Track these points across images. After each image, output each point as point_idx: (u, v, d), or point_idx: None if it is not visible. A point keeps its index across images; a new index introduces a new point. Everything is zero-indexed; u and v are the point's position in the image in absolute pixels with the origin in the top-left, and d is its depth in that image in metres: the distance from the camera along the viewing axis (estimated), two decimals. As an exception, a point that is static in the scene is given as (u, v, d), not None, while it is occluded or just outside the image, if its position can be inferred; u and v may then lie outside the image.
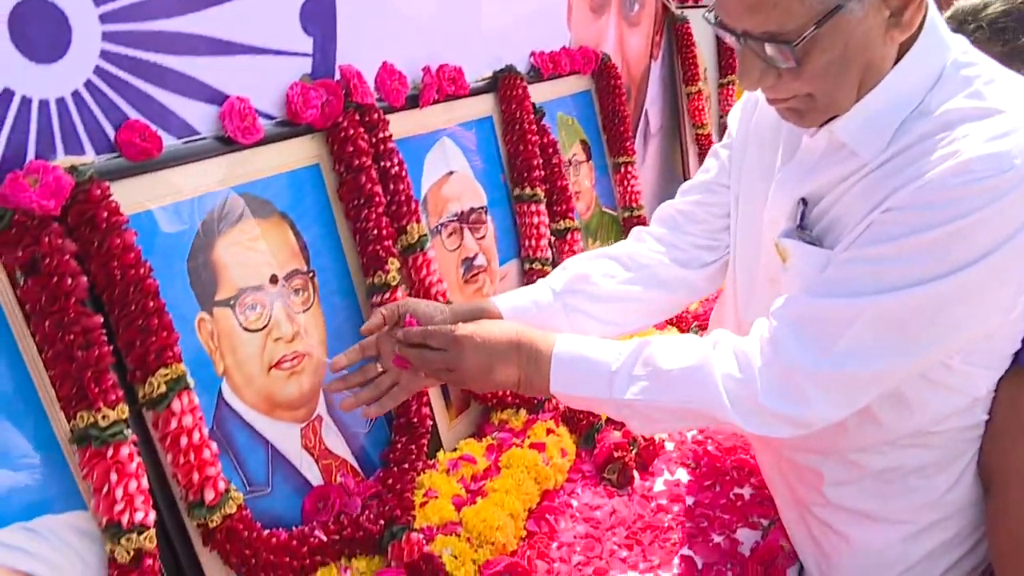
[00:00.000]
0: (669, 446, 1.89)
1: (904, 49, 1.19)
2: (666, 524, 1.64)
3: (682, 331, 2.37)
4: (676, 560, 1.53)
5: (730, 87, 3.49)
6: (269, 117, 1.52)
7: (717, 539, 1.58)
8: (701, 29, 3.18)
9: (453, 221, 1.94)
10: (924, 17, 1.17)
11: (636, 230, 1.66)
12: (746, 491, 1.71)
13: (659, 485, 1.77)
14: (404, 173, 1.69)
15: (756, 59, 1.17)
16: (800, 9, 1.09)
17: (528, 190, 2.10)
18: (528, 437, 1.79)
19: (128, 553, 1.17)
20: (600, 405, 1.34)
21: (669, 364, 1.27)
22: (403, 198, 1.68)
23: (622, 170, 2.63)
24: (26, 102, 1.17)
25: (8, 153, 1.16)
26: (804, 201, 1.32)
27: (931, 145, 1.14)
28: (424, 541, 1.47)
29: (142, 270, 1.21)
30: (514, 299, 1.52)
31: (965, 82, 1.17)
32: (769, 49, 1.14)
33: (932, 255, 1.12)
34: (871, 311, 1.16)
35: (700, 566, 1.52)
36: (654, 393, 1.27)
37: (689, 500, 1.71)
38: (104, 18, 1.24)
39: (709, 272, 1.59)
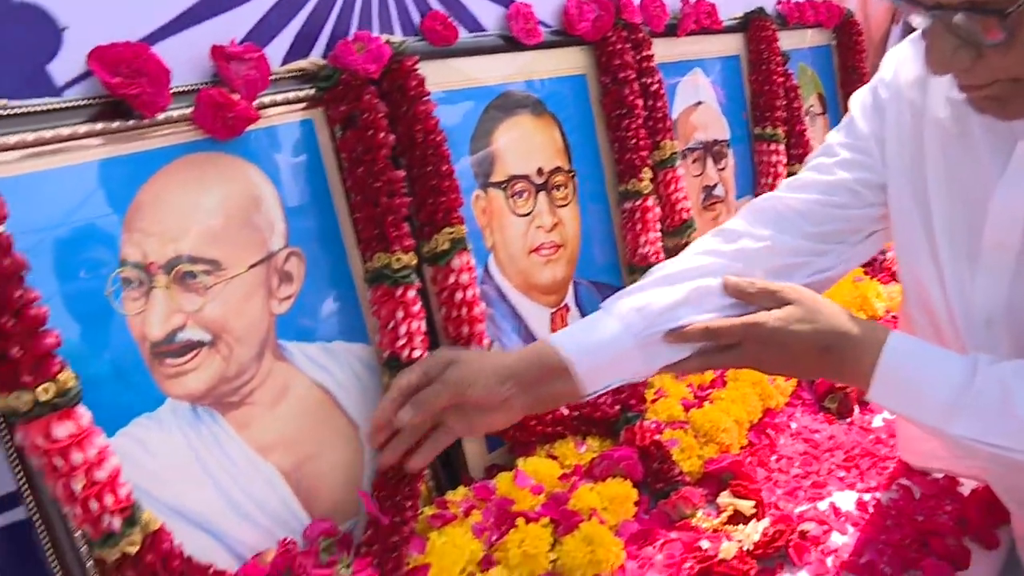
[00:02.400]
0: (891, 387, 1.91)
1: None
2: (883, 454, 1.66)
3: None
4: (894, 487, 1.56)
5: (973, 60, 3.37)
6: (545, 25, 1.65)
7: (936, 475, 1.60)
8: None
9: (698, 149, 2.03)
10: None
11: (719, 232, 1.36)
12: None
13: (878, 421, 1.79)
14: (663, 91, 1.80)
15: (949, 36, 0.94)
16: None
17: (769, 129, 2.17)
18: (754, 358, 1.85)
19: (405, 385, 1.32)
20: (920, 425, 1.12)
21: None
22: (660, 115, 1.79)
23: (857, 128, 2.63)
24: (356, -18, 1.34)
25: (338, 25, 1.33)
26: None
27: None
28: (655, 429, 1.56)
29: (439, 137, 1.36)
30: (580, 337, 1.24)
31: None
32: (968, 21, 0.91)
33: None
34: None
35: (918, 495, 1.53)
36: (1010, 440, 1.03)
37: (909, 438, 1.73)
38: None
39: None
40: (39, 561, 1.03)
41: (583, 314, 1.69)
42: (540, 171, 1.61)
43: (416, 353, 1.32)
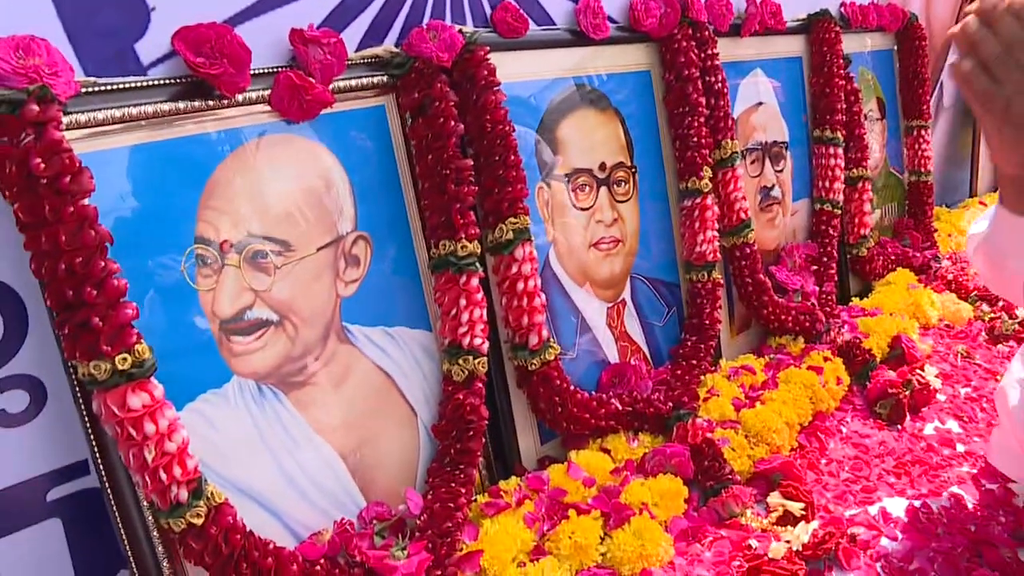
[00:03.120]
0: (941, 397, 1.90)
1: None
2: (935, 462, 1.66)
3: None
4: (945, 494, 1.55)
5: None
6: (612, 21, 1.65)
7: (990, 486, 1.58)
8: (1014, 4, 3.07)
9: (757, 150, 2.03)
10: None
11: None
12: (1022, 450, 1.70)
13: (929, 429, 1.79)
14: (726, 91, 1.80)
15: None
16: None
17: (829, 132, 2.16)
18: (805, 361, 1.86)
19: (463, 372, 1.34)
20: None
21: None
22: (722, 114, 1.79)
23: (914, 133, 2.62)
24: (430, -29, 1.36)
25: (412, 13, 1.35)
26: None
27: None
28: (707, 428, 1.57)
29: (507, 127, 1.38)
30: None
31: None
32: None
33: None
34: None
35: (971, 505, 1.52)
36: None
37: (960, 448, 1.71)
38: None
39: None
40: (107, 528, 1.06)
41: (639, 311, 1.70)
42: (603, 166, 1.62)
43: (477, 341, 1.34)
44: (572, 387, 1.49)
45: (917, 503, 1.50)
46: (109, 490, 1.04)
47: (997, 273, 1.32)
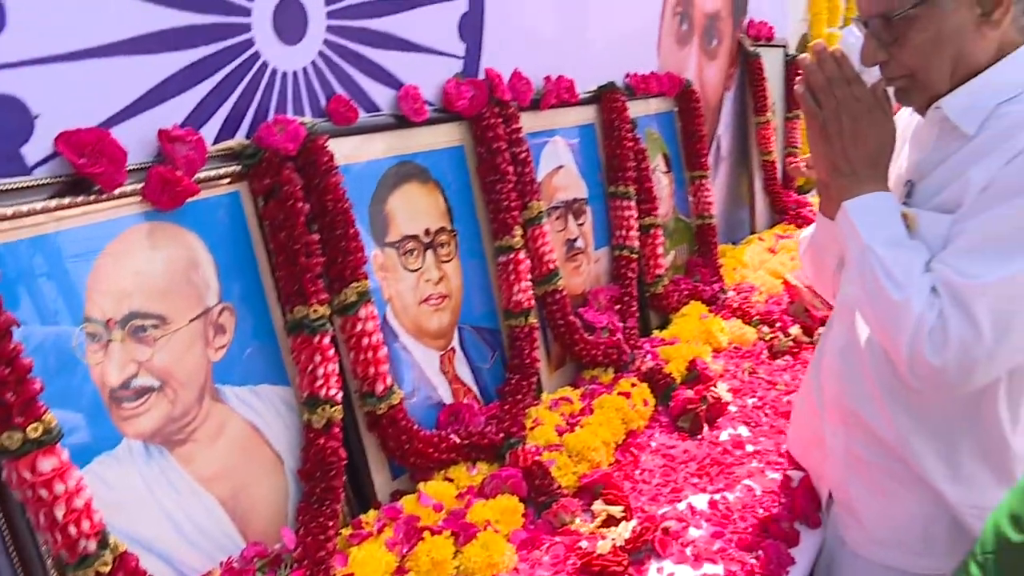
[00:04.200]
0: (733, 408, 2.20)
1: (1010, 50, 1.38)
2: (729, 462, 1.94)
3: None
4: (739, 487, 1.83)
5: (795, 120, 3.80)
6: (430, 104, 1.88)
7: (772, 475, 1.88)
8: (771, 65, 3.52)
9: (560, 208, 2.31)
10: None
11: None
12: (796, 447, 2.01)
13: (724, 436, 2.08)
14: (530, 159, 2.06)
15: (872, 39, 1.39)
16: None
17: (621, 187, 2.46)
18: (615, 388, 2.12)
19: (322, 420, 1.52)
20: (852, 246, 1.40)
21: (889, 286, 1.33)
22: (528, 179, 2.05)
23: (696, 183, 2.98)
24: (275, 72, 1.56)
25: (259, 108, 1.54)
26: (911, 183, 1.48)
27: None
28: (535, 452, 1.80)
29: (346, 204, 1.58)
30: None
31: None
32: (878, 26, 1.37)
33: None
34: None
35: (759, 492, 1.81)
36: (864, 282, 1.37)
37: (750, 448, 2.01)
38: (329, 15, 1.64)
39: None
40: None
41: (468, 356, 1.93)
42: (427, 231, 1.85)
43: (332, 392, 1.52)
44: (416, 427, 1.69)
45: (717, 497, 1.79)
46: (16, 557, 1.15)
47: (818, 269, 1.74)
